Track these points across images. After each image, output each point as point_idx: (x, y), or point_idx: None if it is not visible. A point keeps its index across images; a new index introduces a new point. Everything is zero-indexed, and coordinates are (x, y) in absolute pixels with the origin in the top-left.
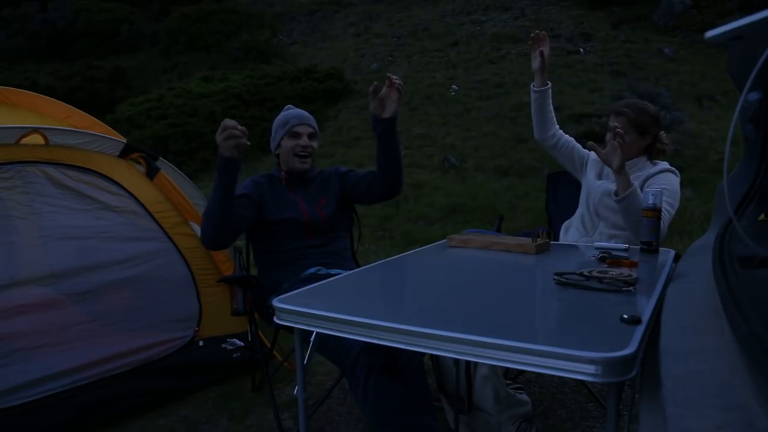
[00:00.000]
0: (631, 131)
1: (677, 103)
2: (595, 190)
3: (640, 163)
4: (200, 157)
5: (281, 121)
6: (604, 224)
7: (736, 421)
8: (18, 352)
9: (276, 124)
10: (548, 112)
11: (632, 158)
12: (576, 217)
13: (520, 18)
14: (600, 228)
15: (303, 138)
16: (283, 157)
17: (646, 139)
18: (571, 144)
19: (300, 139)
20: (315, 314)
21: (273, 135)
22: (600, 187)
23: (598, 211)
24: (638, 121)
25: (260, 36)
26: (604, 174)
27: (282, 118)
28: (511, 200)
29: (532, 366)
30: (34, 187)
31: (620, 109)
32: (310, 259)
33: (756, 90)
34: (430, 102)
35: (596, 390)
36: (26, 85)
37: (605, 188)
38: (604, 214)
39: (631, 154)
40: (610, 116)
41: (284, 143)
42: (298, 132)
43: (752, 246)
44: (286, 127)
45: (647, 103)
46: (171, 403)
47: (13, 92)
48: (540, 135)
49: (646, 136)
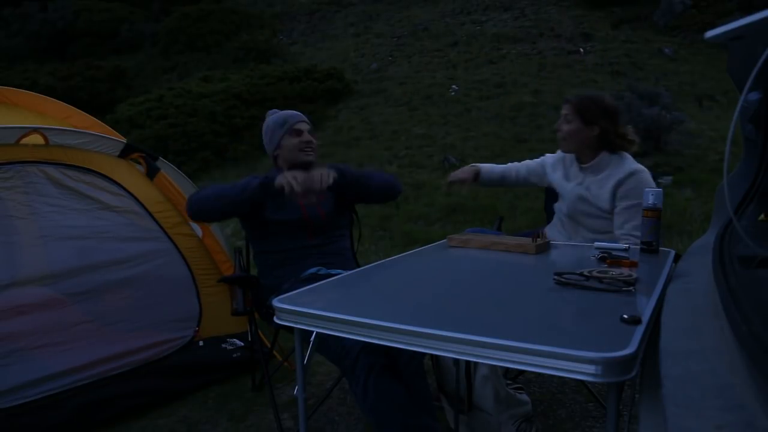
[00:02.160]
0: (575, 119)
1: (677, 103)
2: (568, 194)
3: (604, 160)
4: (200, 157)
5: (277, 121)
6: (584, 230)
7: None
8: (18, 352)
9: (271, 126)
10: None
11: (581, 149)
12: (553, 224)
13: (520, 18)
14: (582, 233)
15: (305, 134)
16: (285, 156)
17: (593, 130)
18: (528, 168)
19: (302, 136)
20: (315, 314)
21: (269, 137)
22: (572, 192)
23: (575, 217)
24: (582, 109)
25: (260, 36)
26: (571, 175)
27: (277, 119)
28: (511, 200)
29: (532, 366)
30: (34, 187)
31: (566, 97)
32: (310, 258)
33: (756, 90)
34: (430, 102)
35: (596, 390)
36: (26, 85)
37: (577, 193)
38: (582, 220)
39: (576, 143)
40: None
41: (286, 142)
42: (300, 129)
43: (752, 246)
44: (285, 126)
45: (603, 96)
46: (171, 403)
47: (13, 92)
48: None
49: (593, 127)
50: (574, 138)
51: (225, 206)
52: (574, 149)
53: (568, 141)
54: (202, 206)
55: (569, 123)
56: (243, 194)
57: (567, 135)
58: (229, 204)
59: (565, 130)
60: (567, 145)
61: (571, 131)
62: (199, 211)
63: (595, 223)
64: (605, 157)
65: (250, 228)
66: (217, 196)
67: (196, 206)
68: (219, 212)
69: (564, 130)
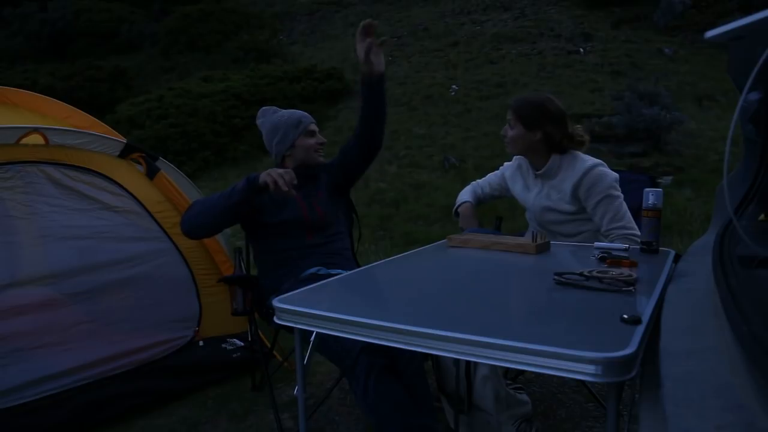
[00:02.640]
0: (517, 124)
1: (677, 103)
2: (532, 206)
3: (555, 164)
4: (200, 157)
5: (292, 122)
6: (559, 236)
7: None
8: (18, 352)
9: (285, 126)
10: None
11: (529, 154)
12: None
13: (520, 18)
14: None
15: (318, 135)
16: (298, 156)
17: (536, 134)
18: (490, 184)
19: (316, 137)
20: (315, 314)
21: (281, 137)
22: (535, 204)
23: (545, 226)
24: (523, 114)
25: (260, 36)
26: (530, 184)
27: (291, 119)
28: (511, 200)
29: (532, 366)
30: (34, 187)
31: (511, 101)
32: (310, 258)
33: (756, 90)
34: (430, 102)
35: (596, 390)
36: (26, 85)
37: (540, 205)
38: (553, 228)
39: (520, 148)
40: None
41: (301, 142)
42: (313, 130)
43: (752, 246)
44: (300, 127)
45: (546, 99)
46: (171, 403)
47: (13, 92)
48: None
49: (536, 131)
50: (518, 143)
51: (216, 217)
52: (521, 153)
53: (512, 146)
54: (195, 222)
55: (512, 128)
56: (230, 199)
57: (511, 140)
58: (219, 214)
59: (509, 135)
60: (512, 149)
61: (513, 137)
62: (192, 228)
63: (566, 228)
64: (556, 159)
65: (250, 228)
66: (206, 210)
67: (188, 225)
68: (212, 225)
69: (508, 136)
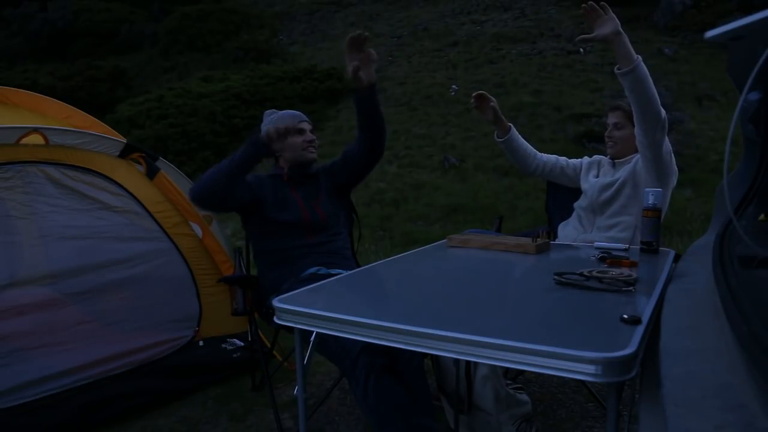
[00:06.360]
0: (627, 125)
1: (677, 103)
2: (593, 186)
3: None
4: (200, 157)
5: (281, 122)
6: (601, 218)
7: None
8: (18, 352)
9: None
10: (522, 150)
11: (630, 154)
12: (568, 222)
13: (520, 18)
14: (598, 223)
15: (307, 133)
16: (289, 154)
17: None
18: (559, 163)
19: (305, 135)
20: (315, 314)
21: None
22: (597, 182)
23: (595, 207)
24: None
25: (260, 36)
26: (600, 173)
27: (280, 119)
28: (511, 200)
29: (532, 366)
30: (34, 187)
31: (617, 104)
32: (310, 258)
33: (756, 90)
34: (430, 102)
35: (596, 390)
36: (26, 85)
37: (601, 182)
38: (602, 209)
39: (627, 148)
40: (608, 115)
41: (290, 141)
42: (302, 128)
43: (752, 246)
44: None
45: None
46: (171, 403)
47: (13, 92)
48: (525, 171)
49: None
50: (627, 143)
51: (221, 179)
52: (630, 153)
53: (622, 145)
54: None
55: (621, 129)
56: (234, 161)
57: (620, 140)
58: (227, 175)
59: (618, 136)
60: (621, 149)
61: (624, 137)
62: (202, 195)
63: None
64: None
65: (250, 228)
66: (213, 174)
67: (195, 191)
68: (222, 190)
69: (616, 137)
